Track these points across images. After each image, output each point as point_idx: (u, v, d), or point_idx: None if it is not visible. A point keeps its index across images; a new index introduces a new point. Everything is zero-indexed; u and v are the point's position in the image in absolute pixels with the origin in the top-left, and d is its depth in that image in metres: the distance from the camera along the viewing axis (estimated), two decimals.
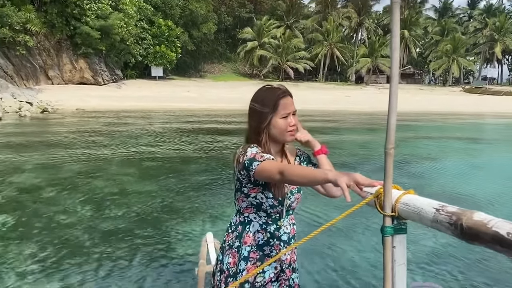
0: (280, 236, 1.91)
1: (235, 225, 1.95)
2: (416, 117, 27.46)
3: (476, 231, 1.01)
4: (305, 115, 25.93)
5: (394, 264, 1.27)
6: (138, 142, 12.97)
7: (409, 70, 67.62)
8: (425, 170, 9.94)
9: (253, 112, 1.86)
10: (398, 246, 1.27)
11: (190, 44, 50.53)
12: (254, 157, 1.72)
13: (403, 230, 1.28)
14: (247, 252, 1.89)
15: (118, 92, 36.00)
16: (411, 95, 45.53)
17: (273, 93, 1.84)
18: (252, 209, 1.89)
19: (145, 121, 20.23)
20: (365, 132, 18.10)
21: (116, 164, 9.55)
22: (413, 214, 1.21)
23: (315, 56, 58.34)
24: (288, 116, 1.83)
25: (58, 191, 6.95)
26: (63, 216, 5.68)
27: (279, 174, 1.58)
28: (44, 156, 10.06)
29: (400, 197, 1.26)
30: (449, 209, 1.11)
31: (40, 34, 33.16)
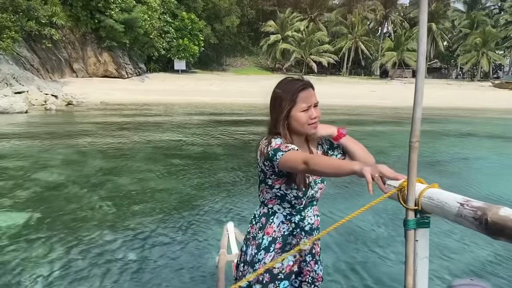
0: (304, 227, 1.92)
1: (259, 216, 1.96)
2: (443, 112, 26.61)
3: (502, 226, 0.99)
4: (329, 110, 25.41)
5: (416, 258, 1.26)
6: (162, 136, 12.77)
7: (435, 65, 65.94)
8: (453, 167, 9.42)
9: (274, 104, 1.86)
10: (421, 240, 1.26)
11: (212, 37, 50.32)
12: (279, 147, 1.72)
13: (426, 224, 1.27)
14: (268, 242, 1.90)
15: (142, 86, 36.08)
16: (438, 90, 44.30)
17: (293, 85, 1.82)
18: (276, 201, 1.90)
19: (168, 115, 20.08)
20: (391, 127, 17.51)
21: (140, 158, 9.33)
22: (436, 208, 1.20)
23: (339, 49, 57.38)
24: (309, 109, 1.81)
25: (82, 187, 6.76)
26: (87, 213, 5.48)
27: (304, 164, 1.57)
28: (69, 151, 9.93)
29: (424, 191, 1.25)
30: (474, 203, 1.10)
31: (65, 28, 33.41)
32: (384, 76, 58.97)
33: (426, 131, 15.89)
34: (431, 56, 62.16)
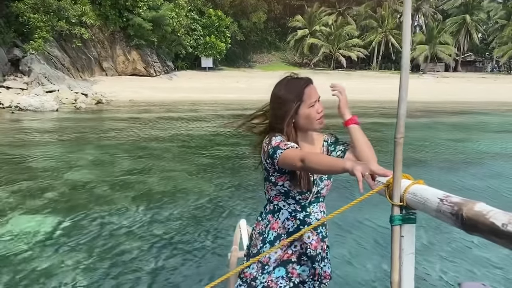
0: (310, 223, 1.91)
1: (265, 213, 1.97)
2: (481, 107, 25.49)
3: (475, 221, 1.00)
4: (358, 106, 24.73)
5: (402, 253, 1.26)
6: (189, 135, 12.53)
7: (469, 58, 63.64)
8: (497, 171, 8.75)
9: (278, 102, 1.85)
10: (407, 236, 1.26)
11: (239, 34, 50.07)
12: (278, 145, 1.74)
13: (412, 220, 1.27)
14: (273, 237, 1.90)
15: (169, 84, 36.16)
16: (474, 84, 42.76)
17: (296, 83, 1.85)
18: (281, 197, 1.90)
19: (196, 112, 19.90)
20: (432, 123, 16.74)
21: (169, 159, 9.08)
22: (419, 204, 1.20)
23: (369, 43, 56.05)
24: (315, 104, 1.84)
25: (111, 189, 6.53)
26: (115, 218, 5.23)
27: (301, 161, 1.58)
28: (97, 151, 9.79)
29: (409, 187, 1.25)
30: (452, 199, 1.11)
31: (94, 27, 33.74)
32: (415, 70, 57.25)
33: (465, 130, 15.10)
34: (464, 49, 59.98)
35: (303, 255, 1.95)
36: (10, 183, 6.81)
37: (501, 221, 0.95)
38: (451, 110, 24.21)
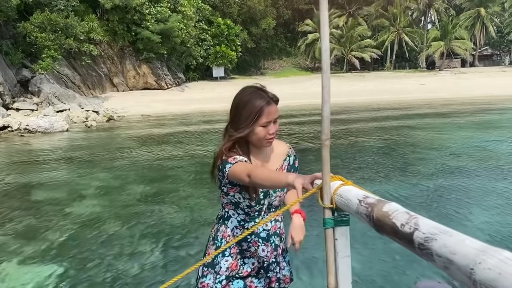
0: (259, 233, 1.94)
1: (218, 218, 2.01)
2: (506, 101, 24.15)
3: (383, 222, 1.00)
4: (375, 109, 23.67)
5: (337, 257, 1.25)
6: (206, 150, 11.63)
7: (486, 52, 61.89)
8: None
9: (237, 112, 1.82)
10: (341, 238, 1.25)
11: (249, 41, 49.35)
12: (227, 160, 1.77)
13: (345, 222, 1.26)
14: (222, 244, 1.92)
15: (182, 95, 35.54)
16: (492, 78, 41.22)
17: (259, 98, 1.80)
18: (231, 206, 1.93)
19: (211, 124, 19.03)
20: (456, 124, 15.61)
21: (186, 179, 8.18)
22: (344, 206, 1.20)
23: (382, 43, 54.77)
24: (269, 125, 1.81)
25: (121, 224, 5.64)
26: (125, 263, 4.32)
27: (248, 177, 1.61)
28: (108, 174, 8.94)
29: (337, 189, 1.25)
30: (368, 200, 1.11)
31: (103, 43, 33.34)
32: (431, 68, 55.76)
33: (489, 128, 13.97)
34: (481, 42, 58.29)
35: (261, 268, 1.96)
36: (8, 220, 5.99)
37: (400, 222, 0.94)
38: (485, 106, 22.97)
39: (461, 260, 0.73)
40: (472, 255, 0.71)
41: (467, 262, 0.71)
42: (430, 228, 0.87)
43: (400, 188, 6.94)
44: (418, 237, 0.88)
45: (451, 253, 0.76)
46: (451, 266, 0.75)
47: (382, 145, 11.61)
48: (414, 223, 0.91)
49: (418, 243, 0.87)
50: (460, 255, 0.73)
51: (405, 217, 0.94)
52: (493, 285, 0.64)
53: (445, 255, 0.77)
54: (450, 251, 0.77)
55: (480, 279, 0.67)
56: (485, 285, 0.66)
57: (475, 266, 0.68)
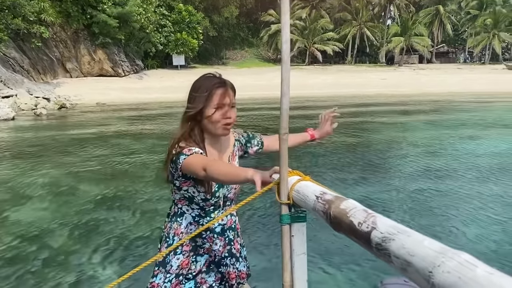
0: (214, 228, 1.89)
1: (171, 216, 1.93)
2: (465, 98, 24.57)
3: (340, 220, 0.97)
4: (339, 102, 23.41)
5: (293, 254, 1.21)
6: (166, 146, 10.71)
7: (443, 49, 63.60)
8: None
9: (189, 100, 1.79)
10: (297, 235, 1.22)
11: (211, 30, 48.14)
12: (181, 151, 1.68)
13: (302, 219, 1.22)
14: (174, 242, 1.86)
15: (140, 84, 34.01)
16: (450, 74, 42.25)
17: (209, 81, 1.77)
18: (184, 202, 1.86)
19: (173, 117, 17.99)
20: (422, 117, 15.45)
21: (149, 183, 7.26)
22: (301, 202, 1.17)
23: (344, 37, 54.97)
24: (223, 108, 1.74)
25: (70, 235, 4.72)
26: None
27: (203, 170, 1.54)
28: (58, 171, 7.88)
29: (295, 184, 1.21)
30: (326, 196, 1.07)
31: (55, 25, 31.19)
32: (390, 63, 56.66)
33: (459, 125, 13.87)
34: (438, 40, 59.78)
35: (212, 263, 1.92)
36: None
37: (358, 220, 0.91)
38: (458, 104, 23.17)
39: (419, 263, 0.70)
40: (431, 257, 0.68)
41: (426, 264, 0.68)
42: (388, 227, 0.83)
43: (365, 187, 6.39)
44: (376, 236, 0.84)
45: (409, 254, 0.73)
46: (409, 268, 0.73)
47: (348, 142, 11.11)
48: (372, 222, 0.88)
49: (375, 243, 0.84)
50: (419, 257, 0.70)
51: (362, 215, 0.91)
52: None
53: (403, 257, 0.74)
54: (409, 252, 0.74)
55: (439, 283, 0.64)
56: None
57: (434, 269, 0.66)
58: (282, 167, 1.21)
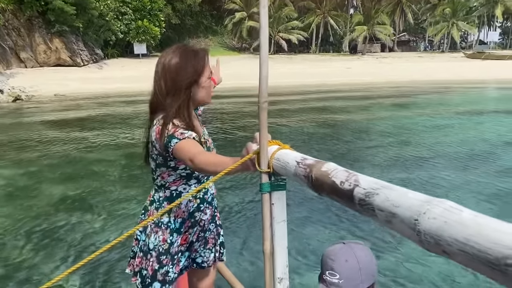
0: (207, 199, 1.93)
1: (160, 201, 1.85)
2: (427, 86, 25.00)
3: (321, 181, 0.99)
4: (307, 93, 23.27)
5: (273, 222, 1.23)
6: (135, 139, 10.14)
7: (404, 38, 64.78)
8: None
9: (173, 72, 1.71)
10: (277, 203, 1.23)
11: (174, 17, 46.87)
12: (173, 134, 1.64)
13: (282, 187, 1.24)
14: (178, 224, 1.85)
15: (100, 73, 32.66)
16: (412, 63, 43.02)
17: (196, 53, 1.76)
18: (181, 181, 1.83)
19: (136, 107, 17.25)
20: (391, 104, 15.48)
21: (115, 181, 6.74)
22: (281, 169, 1.18)
23: (308, 26, 54.85)
24: (210, 76, 1.79)
25: (28, 245, 4.21)
26: None
27: (190, 161, 1.54)
28: (13, 170, 7.22)
29: (275, 153, 1.22)
30: (307, 161, 1.09)
31: (7, 11, 29.36)
32: (353, 52, 57.15)
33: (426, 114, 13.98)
34: (400, 28, 60.79)
35: (202, 231, 1.95)
36: None
37: (340, 179, 0.92)
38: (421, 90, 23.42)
39: (404, 212, 0.70)
40: (416, 206, 0.69)
41: (411, 213, 0.69)
42: (370, 183, 0.84)
43: None
44: (359, 193, 0.85)
45: (394, 206, 0.73)
46: (394, 219, 0.73)
47: (317, 133, 10.90)
48: (354, 180, 0.89)
49: (358, 199, 0.84)
50: (404, 208, 0.71)
51: (344, 175, 0.93)
52: (438, 234, 0.62)
53: (387, 209, 0.74)
54: (393, 204, 0.74)
55: (425, 229, 0.65)
56: (430, 234, 0.64)
57: (419, 216, 0.66)
58: (262, 136, 1.22)
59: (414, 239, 0.69)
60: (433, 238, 0.63)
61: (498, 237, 0.52)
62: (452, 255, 0.61)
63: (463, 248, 0.57)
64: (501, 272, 0.51)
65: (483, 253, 0.53)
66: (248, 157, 1.28)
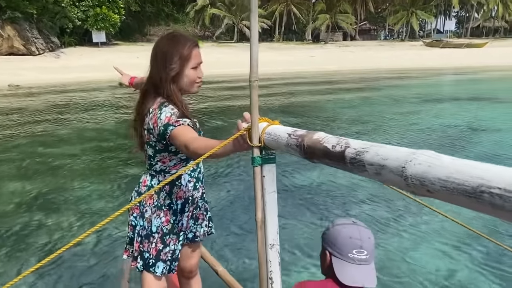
0: (201, 178, 2.04)
1: (160, 188, 1.89)
2: (391, 74, 25.42)
3: (313, 148, 1.06)
4: (274, 80, 23.13)
5: (265, 193, 1.30)
6: (102, 133, 9.61)
7: (365, 26, 65.65)
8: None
9: (163, 60, 1.77)
10: (268, 175, 1.30)
11: (133, 4, 45.34)
12: (169, 122, 1.70)
13: (272, 160, 1.30)
14: (181, 205, 1.94)
15: (57, 63, 31.20)
16: (375, 51, 43.73)
17: (185, 41, 1.80)
18: (181, 164, 1.90)
19: (97, 96, 16.51)
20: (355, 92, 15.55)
21: (82, 177, 6.29)
22: (273, 142, 1.24)
23: (271, 14, 54.54)
24: (198, 67, 1.84)
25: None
26: None
27: (185, 148, 1.60)
28: None
29: (266, 128, 1.28)
30: (298, 132, 1.16)
31: None
32: (316, 40, 57.41)
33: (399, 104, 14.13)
34: (361, 17, 61.54)
35: (195, 209, 2.04)
36: None
37: (331, 144, 0.99)
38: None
39: (392, 163, 0.79)
40: (403, 157, 0.77)
41: (399, 163, 0.77)
42: (360, 144, 0.92)
43: (303, 172, 6.03)
44: (350, 153, 0.92)
45: (382, 159, 0.82)
46: (383, 170, 0.81)
47: (285, 123, 10.75)
48: (345, 143, 0.96)
49: (349, 158, 0.92)
50: (392, 159, 0.80)
51: (335, 140, 1.00)
52: (424, 177, 0.71)
53: (377, 162, 0.83)
54: (382, 158, 0.82)
55: (411, 174, 0.73)
56: (416, 178, 0.73)
57: (406, 164, 0.75)
58: (253, 113, 1.26)
59: (401, 185, 0.78)
60: (419, 180, 0.73)
61: (473, 172, 0.63)
62: (435, 192, 0.70)
63: (444, 184, 0.67)
64: (476, 198, 0.62)
65: (461, 185, 0.64)
66: (240, 133, 1.31)
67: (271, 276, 1.31)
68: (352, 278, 1.43)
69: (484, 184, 0.61)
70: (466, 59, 34.80)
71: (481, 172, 0.62)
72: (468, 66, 30.44)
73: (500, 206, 0.58)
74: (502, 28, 67.35)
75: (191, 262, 2.16)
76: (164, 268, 1.92)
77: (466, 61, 33.05)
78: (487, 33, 66.69)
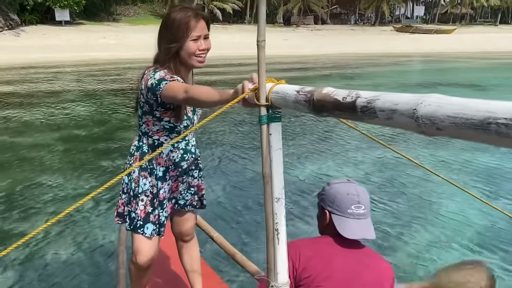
0: (190, 149, 2.06)
1: (143, 148, 1.95)
2: (364, 59, 25.37)
3: (323, 101, 1.08)
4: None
5: (271, 150, 1.34)
6: (73, 118, 8.89)
7: (336, 10, 65.47)
8: None
9: (166, 30, 1.81)
10: (274, 133, 1.34)
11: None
12: (163, 78, 1.73)
13: (278, 119, 1.34)
14: (161, 172, 1.97)
15: (17, 41, 29.59)
16: (348, 36, 43.63)
17: (186, 12, 1.80)
18: (164, 132, 1.92)
19: (63, 79, 15.54)
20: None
21: (56, 170, 5.69)
22: (281, 100, 1.27)
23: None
24: (199, 39, 1.81)
25: None
26: None
27: (184, 92, 1.59)
28: None
29: (273, 87, 1.30)
30: (306, 89, 1.18)
31: None
32: (287, 24, 56.82)
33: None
34: (333, 1, 61.27)
35: (186, 176, 2.08)
36: None
37: (342, 96, 1.02)
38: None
39: (404, 106, 0.82)
40: (413, 100, 0.81)
41: (410, 106, 0.81)
42: (371, 94, 0.94)
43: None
44: (361, 102, 0.94)
45: (394, 104, 0.85)
46: (394, 114, 0.85)
47: None
48: (355, 94, 0.98)
49: (361, 107, 0.94)
50: (403, 103, 0.83)
51: (345, 92, 1.02)
52: (434, 115, 0.75)
53: (388, 108, 0.86)
54: (393, 102, 0.86)
55: (422, 114, 0.77)
56: (426, 117, 0.77)
57: (417, 106, 0.79)
58: (260, 73, 1.28)
59: (412, 127, 0.81)
60: (429, 119, 0.77)
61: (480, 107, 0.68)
62: (444, 129, 0.74)
63: (453, 121, 0.72)
64: (483, 130, 0.67)
65: (470, 119, 0.69)
66: (245, 94, 1.32)
67: (277, 227, 1.35)
68: (353, 232, 1.52)
69: (491, 117, 0.65)
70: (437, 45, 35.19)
71: (489, 106, 0.67)
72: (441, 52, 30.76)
73: (506, 134, 0.63)
74: (468, 15, 68.70)
75: (187, 226, 2.22)
76: (154, 230, 1.96)
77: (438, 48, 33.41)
78: (454, 19, 67.90)
